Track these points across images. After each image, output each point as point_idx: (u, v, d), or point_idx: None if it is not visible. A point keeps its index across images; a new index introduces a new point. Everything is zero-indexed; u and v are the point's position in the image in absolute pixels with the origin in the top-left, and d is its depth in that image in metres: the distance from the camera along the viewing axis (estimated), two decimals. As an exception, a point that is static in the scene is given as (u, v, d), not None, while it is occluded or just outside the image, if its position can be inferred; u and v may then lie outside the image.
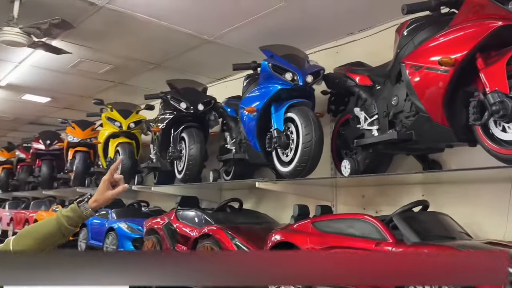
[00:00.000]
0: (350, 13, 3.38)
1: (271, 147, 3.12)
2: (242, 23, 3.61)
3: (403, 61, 2.46)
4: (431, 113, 2.30)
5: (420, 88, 2.33)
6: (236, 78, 4.78)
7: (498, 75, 2.00)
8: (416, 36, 2.45)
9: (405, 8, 2.32)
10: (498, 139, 2.07)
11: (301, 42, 3.82)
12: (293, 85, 3.10)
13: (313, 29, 3.69)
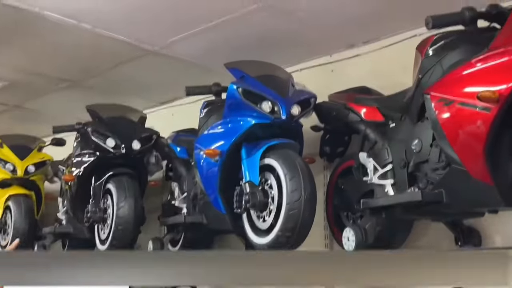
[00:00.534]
0: (351, 18, 3.51)
1: (241, 208, 3.09)
2: (200, 29, 3.65)
3: (428, 92, 2.54)
4: (467, 166, 2.37)
5: (452, 131, 2.40)
6: (188, 102, 4.78)
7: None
8: (445, 57, 2.55)
9: (430, 21, 2.41)
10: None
11: (283, 56, 3.91)
12: (273, 119, 3.13)
13: (300, 39, 3.79)
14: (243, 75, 3.29)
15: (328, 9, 3.39)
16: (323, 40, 3.81)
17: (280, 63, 3.76)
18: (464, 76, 2.40)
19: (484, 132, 2.27)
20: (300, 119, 3.31)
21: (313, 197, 2.91)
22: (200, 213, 3.65)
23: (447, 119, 2.43)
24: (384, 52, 3.72)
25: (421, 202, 2.59)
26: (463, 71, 2.42)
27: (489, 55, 2.33)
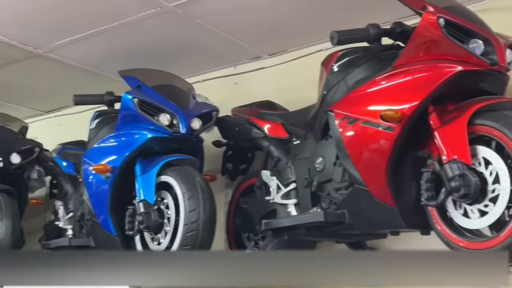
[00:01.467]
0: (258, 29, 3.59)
1: (134, 229, 3.05)
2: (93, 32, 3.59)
3: (332, 109, 2.65)
4: (370, 186, 2.49)
5: (356, 150, 2.52)
6: (77, 112, 4.67)
7: (457, 138, 2.25)
8: (350, 74, 2.67)
9: (335, 36, 2.52)
10: (459, 226, 2.30)
11: (183, 66, 3.93)
12: (171, 133, 3.13)
13: (202, 48, 3.83)
14: (140, 84, 3.27)
15: (233, 18, 3.45)
16: (227, 51, 3.87)
17: (181, 73, 3.77)
18: (368, 94, 2.53)
19: (386, 152, 2.40)
20: (201, 134, 3.33)
21: (212, 217, 2.93)
22: (87, 235, 3.56)
23: (350, 137, 2.54)
24: (290, 66, 3.83)
25: (323, 223, 2.68)
26: (367, 89, 2.54)
27: (393, 73, 2.47)
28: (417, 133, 2.41)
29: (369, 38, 2.57)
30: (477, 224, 2.24)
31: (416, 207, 2.42)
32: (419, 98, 2.33)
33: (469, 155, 2.22)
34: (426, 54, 2.40)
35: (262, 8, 3.32)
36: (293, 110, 3.27)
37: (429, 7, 2.38)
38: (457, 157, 2.24)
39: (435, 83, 2.31)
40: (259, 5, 3.29)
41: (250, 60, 3.99)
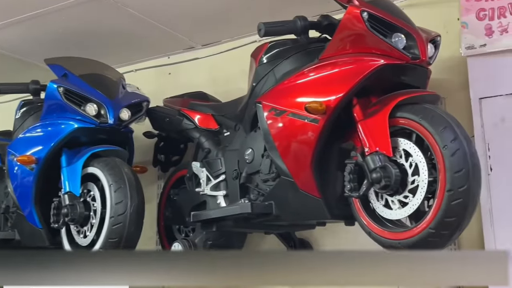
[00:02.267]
0: (191, 19, 3.57)
1: (59, 222, 2.99)
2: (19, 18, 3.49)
3: (261, 101, 2.65)
4: (296, 178, 2.51)
5: (283, 141, 2.54)
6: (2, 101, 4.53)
7: (379, 130, 2.30)
8: (278, 66, 2.69)
9: (262, 27, 2.52)
10: (380, 216, 2.35)
11: (114, 55, 3.87)
12: (98, 123, 3.08)
13: (133, 37, 3.78)
14: (66, 73, 3.20)
15: (166, 8, 3.41)
16: (160, 41, 3.83)
17: (113, 63, 3.72)
18: (295, 86, 2.55)
19: (312, 144, 2.42)
20: (131, 125, 3.29)
21: (140, 210, 2.90)
22: (12, 228, 3.47)
23: (278, 129, 2.56)
24: (224, 57, 3.83)
25: (251, 214, 2.69)
26: (294, 81, 2.56)
27: (319, 65, 2.50)
28: (342, 126, 2.44)
29: (296, 30, 2.58)
30: (397, 215, 2.29)
31: (341, 199, 2.46)
32: (343, 90, 2.36)
33: (390, 147, 2.27)
34: (351, 47, 2.44)
35: None
36: (226, 101, 3.26)
37: (354, 0, 2.41)
38: (378, 149, 2.28)
39: (359, 76, 2.35)
40: None
41: (183, 51, 3.97)
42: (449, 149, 2.14)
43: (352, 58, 2.41)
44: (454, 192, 2.11)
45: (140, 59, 4.08)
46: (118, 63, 3.92)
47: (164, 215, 3.49)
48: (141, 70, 4.10)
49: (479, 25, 2.66)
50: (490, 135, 2.60)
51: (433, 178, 2.20)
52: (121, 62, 3.98)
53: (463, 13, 2.75)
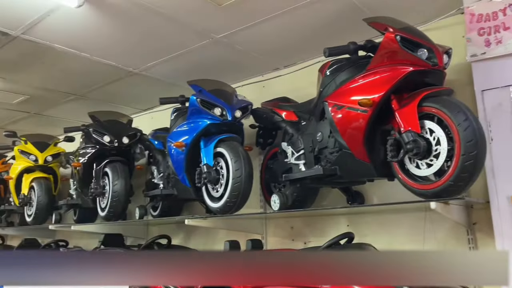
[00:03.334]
0: (275, 50, 3.50)
1: (201, 183, 3.05)
2: (169, 57, 3.56)
3: (326, 100, 2.57)
4: (353, 150, 2.42)
5: (342, 126, 2.44)
6: (162, 109, 4.69)
7: (410, 116, 2.17)
8: (338, 76, 2.58)
9: (327, 51, 2.44)
10: (413, 174, 2.22)
11: (229, 76, 3.88)
12: (222, 120, 3.09)
13: (240, 64, 3.75)
14: (200, 89, 3.24)
15: (258, 43, 3.37)
16: (256, 65, 3.79)
17: (227, 81, 3.71)
18: (350, 89, 2.44)
19: (363, 127, 2.32)
20: (241, 120, 3.29)
21: (250, 174, 2.91)
22: (172, 187, 3.58)
23: (339, 118, 2.47)
24: (299, 73, 3.74)
25: (322, 175, 2.63)
26: (349, 86, 2.46)
27: (366, 74, 2.38)
28: (383, 114, 2.32)
29: (349, 51, 2.48)
30: (425, 173, 2.17)
31: (384, 163, 2.35)
32: (384, 90, 2.25)
33: (418, 127, 2.14)
34: (388, 60, 2.31)
35: (279, 35, 3.24)
36: (301, 102, 3.20)
37: (390, 28, 2.27)
38: (410, 128, 2.16)
39: (395, 80, 2.23)
40: (276, 33, 3.20)
41: (272, 71, 3.91)
42: (462, 126, 1.99)
43: (389, 68, 2.28)
44: (466, 156, 1.97)
45: (244, 78, 4.07)
46: (231, 81, 3.92)
47: (264, 177, 3.48)
48: (245, 85, 4.09)
49: (480, 39, 2.44)
50: (490, 116, 2.39)
51: (450, 147, 2.05)
52: (232, 80, 3.98)
53: (468, 32, 2.52)
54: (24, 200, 4.74)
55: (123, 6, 2.75)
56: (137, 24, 3.01)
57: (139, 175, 4.44)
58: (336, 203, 3.20)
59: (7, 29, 2.97)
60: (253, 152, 3.59)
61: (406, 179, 2.24)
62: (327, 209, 3.09)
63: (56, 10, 2.77)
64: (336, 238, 2.56)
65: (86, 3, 2.66)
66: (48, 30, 3.01)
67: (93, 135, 3.92)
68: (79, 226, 4.35)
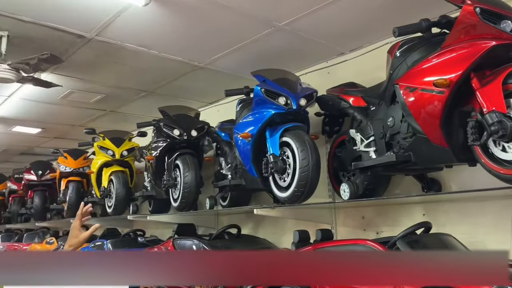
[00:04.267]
0: (340, 34, 3.38)
1: (268, 173, 3.05)
2: (232, 49, 3.59)
3: (397, 83, 2.43)
4: (428, 134, 2.27)
5: (416, 110, 2.30)
6: (228, 101, 4.76)
7: (494, 94, 1.98)
8: (409, 57, 2.43)
9: (396, 31, 2.30)
10: (499, 158, 2.04)
11: (292, 64, 3.83)
12: (287, 109, 3.06)
13: (303, 51, 3.68)
14: (264, 79, 3.23)
15: (322, 28, 3.28)
16: (320, 51, 3.70)
17: (291, 69, 3.69)
18: (424, 69, 2.29)
19: (439, 109, 2.17)
20: (306, 108, 3.23)
21: (318, 163, 2.85)
22: (240, 178, 3.62)
23: (412, 101, 2.33)
24: (365, 57, 3.59)
25: (395, 162, 2.50)
26: (423, 66, 2.30)
27: (441, 52, 2.21)
28: (462, 94, 2.15)
29: (422, 29, 2.32)
30: (513, 156, 1.97)
31: (463, 147, 2.18)
32: (462, 68, 2.07)
33: (504, 106, 1.94)
34: (466, 36, 2.11)
35: (343, 18, 3.12)
36: (369, 86, 3.07)
37: (467, 0, 2.08)
38: (495, 108, 1.97)
39: (475, 56, 2.04)
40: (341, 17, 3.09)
41: (336, 56, 3.79)
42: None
43: (468, 44, 2.09)
44: None
45: (309, 65, 3.99)
46: (295, 70, 3.88)
47: (332, 166, 3.40)
48: (310, 73, 4.02)
49: None
50: None
51: (543, 126, 1.84)
52: (296, 68, 3.93)
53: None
54: (105, 192, 5.09)
55: (186, 1, 2.81)
56: (200, 18, 3.06)
57: (208, 167, 4.56)
58: (410, 191, 3.04)
59: (82, 32, 3.17)
60: (320, 140, 3.52)
61: (491, 164, 2.05)
62: (401, 197, 2.95)
63: (125, 10, 2.91)
64: (412, 228, 2.44)
65: (152, 1, 2.75)
66: (119, 30, 3.17)
67: (164, 129, 4.08)
68: (154, 216, 4.58)
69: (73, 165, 6.02)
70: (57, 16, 2.93)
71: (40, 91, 4.24)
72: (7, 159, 8.23)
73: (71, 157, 6.06)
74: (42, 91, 4.21)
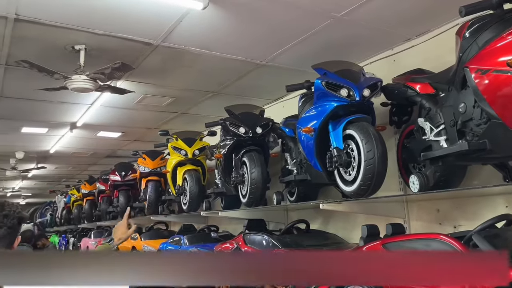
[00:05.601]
0: (404, 19, 3.22)
1: (332, 167, 3.00)
2: (292, 44, 3.58)
3: (467, 66, 2.26)
4: (505, 120, 2.08)
5: (490, 93, 2.12)
6: (291, 97, 4.75)
7: None
8: (480, 37, 2.25)
9: (463, 10, 2.14)
10: None
11: (355, 54, 3.72)
12: (349, 101, 2.98)
13: (366, 40, 3.57)
14: (325, 71, 3.17)
15: (384, 15, 3.14)
16: (384, 39, 3.55)
17: (355, 60, 3.60)
18: (496, 49, 2.10)
19: (516, 91, 1.97)
20: (371, 99, 3.12)
21: (384, 155, 2.74)
22: (305, 173, 3.61)
23: (485, 85, 2.15)
24: (433, 41, 3.38)
25: (468, 151, 2.33)
26: (495, 45, 2.11)
27: (516, 29, 2.01)
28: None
29: (492, 5, 2.12)
30: None
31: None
32: (542, 44, 1.86)
33: None
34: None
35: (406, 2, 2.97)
36: (437, 72, 2.88)
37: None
38: None
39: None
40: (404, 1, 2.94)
41: (402, 42, 3.61)
42: None
43: (548, 16, 1.88)
44: None
45: (373, 54, 3.86)
46: (358, 60, 3.77)
47: (401, 157, 3.25)
48: (374, 62, 3.88)
49: None
50: None
51: None
52: (360, 59, 3.82)
53: None
54: (180, 190, 5.36)
55: (243, 1, 2.86)
56: (258, 16, 3.09)
57: (275, 162, 4.59)
58: (490, 181, 2.81)
59: (149, 39, 3.36)
60: (388, 131, 3.39)
61: None
62: (478, 188, 2.73)
63: (186, 16, 3.03)
64: (490, 221, 2.25)
65: (210, 3, 2.84)
66: (181, 35, 3.32)
67: (230, 128, 4.19)
68: (225, 212, 4.74)
69: (151, 165, 6.40)
70: (126, 27, 3.14)
71: (118, 98, 4.58)
72: (95, 162, 9.01)
73: (149, 158, 6.45)
74: (119, 98, 4.55)
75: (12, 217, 1.86)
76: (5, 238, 1.83)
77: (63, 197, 11.42)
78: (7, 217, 1.84)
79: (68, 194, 10.69)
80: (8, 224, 1.84)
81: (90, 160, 8.81)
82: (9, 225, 1.84)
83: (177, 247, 4.98)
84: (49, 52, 3.41)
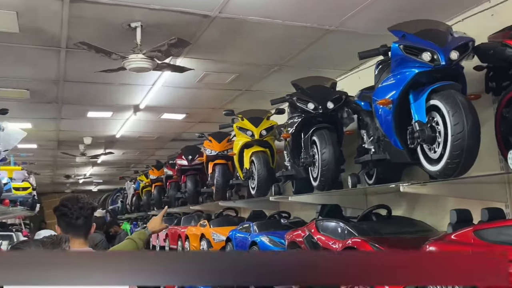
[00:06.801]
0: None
1: (414, 143, 2.89)
2: (365, 4, 3.46)
3: None
4: None
5: None
6: (369, 66, 4.60)
7: None
8: None
9: None
10: None
11: (442, 11, 3.52)
12: (433, 66, 2.83)
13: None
14: (404, 34, 3.03)
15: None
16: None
17: (442, 18, 3.39)
18: None
19: None
20: (460, 62, 2.93)
21: (475, 128, 2.59)
22: (383, 152, 3.50)
23: None
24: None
25: None
26: None
27: None
28: None
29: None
30: None
31: None
32: None
33: None
34: None
35: None
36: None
37: None
38: None
39: None
40: None
41: (502, -9, 3.32)
42: None
43: None
44: None
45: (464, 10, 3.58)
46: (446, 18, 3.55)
47: (500, 129, 3.03)
48: (466, 19, 3.61)
49: None
50: None
51: None
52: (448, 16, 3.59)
53: None
54: (247, 173, 5.49)
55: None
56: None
57: (351, 141, 4.52)
58: None
59: (206, 11, 3.46)
60: (485, 100, 3.18)
61: None
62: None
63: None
64: None
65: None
66: (240, 4, 3.37)
67: (298, 104, 4.17)
68: (295, 197, 4.78)
69: (218, 148, 6.60)
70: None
71: (179, 77, 4.79)
72: (161, 146, 9.54)
73: (215, 140, 6.65)
74: (180, 77, 4.76)
75: (87, 208, 2.37)
76: (84, 227, 2.35)
77: (132, 184, 12.26)
78: (82, 209, 2.34)
79: (137, 180, 11.44)
80: (84, 214, 2.34)
81: (156, 144, 9.34)
82: (85, 215, 2.34)
83: (246, 234, 5.15)
84: (105, 32, 3.66)
